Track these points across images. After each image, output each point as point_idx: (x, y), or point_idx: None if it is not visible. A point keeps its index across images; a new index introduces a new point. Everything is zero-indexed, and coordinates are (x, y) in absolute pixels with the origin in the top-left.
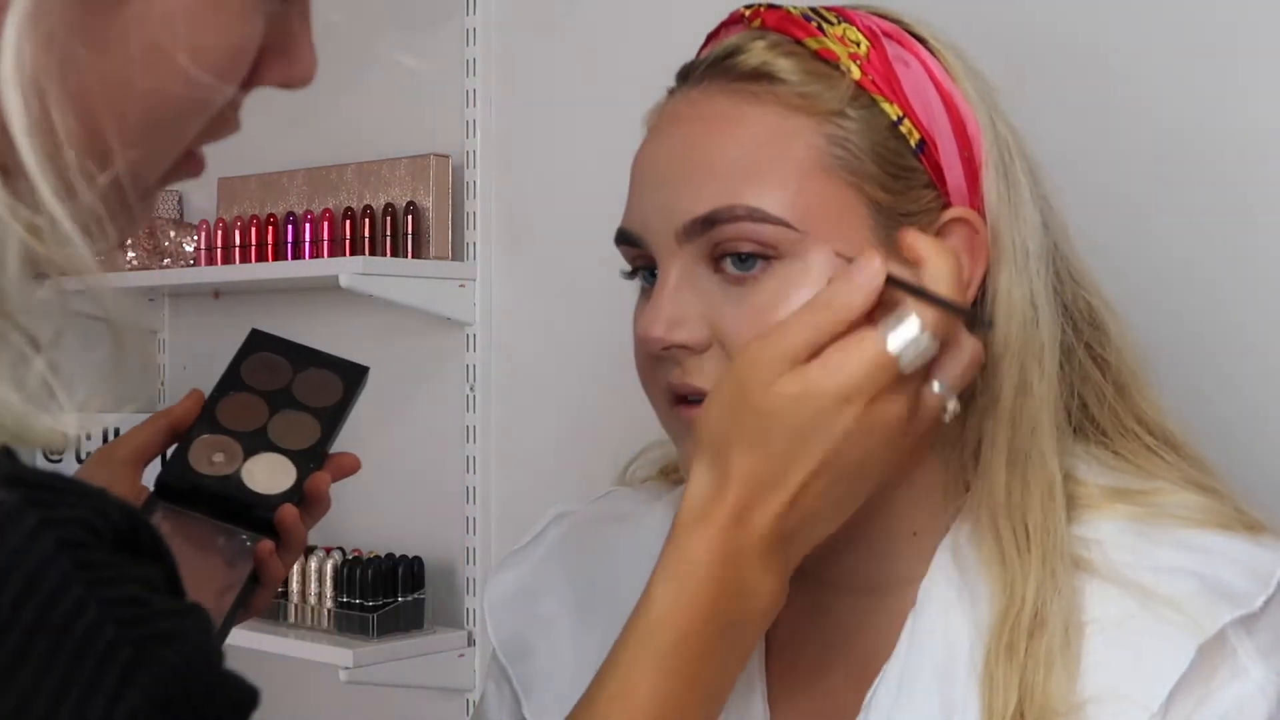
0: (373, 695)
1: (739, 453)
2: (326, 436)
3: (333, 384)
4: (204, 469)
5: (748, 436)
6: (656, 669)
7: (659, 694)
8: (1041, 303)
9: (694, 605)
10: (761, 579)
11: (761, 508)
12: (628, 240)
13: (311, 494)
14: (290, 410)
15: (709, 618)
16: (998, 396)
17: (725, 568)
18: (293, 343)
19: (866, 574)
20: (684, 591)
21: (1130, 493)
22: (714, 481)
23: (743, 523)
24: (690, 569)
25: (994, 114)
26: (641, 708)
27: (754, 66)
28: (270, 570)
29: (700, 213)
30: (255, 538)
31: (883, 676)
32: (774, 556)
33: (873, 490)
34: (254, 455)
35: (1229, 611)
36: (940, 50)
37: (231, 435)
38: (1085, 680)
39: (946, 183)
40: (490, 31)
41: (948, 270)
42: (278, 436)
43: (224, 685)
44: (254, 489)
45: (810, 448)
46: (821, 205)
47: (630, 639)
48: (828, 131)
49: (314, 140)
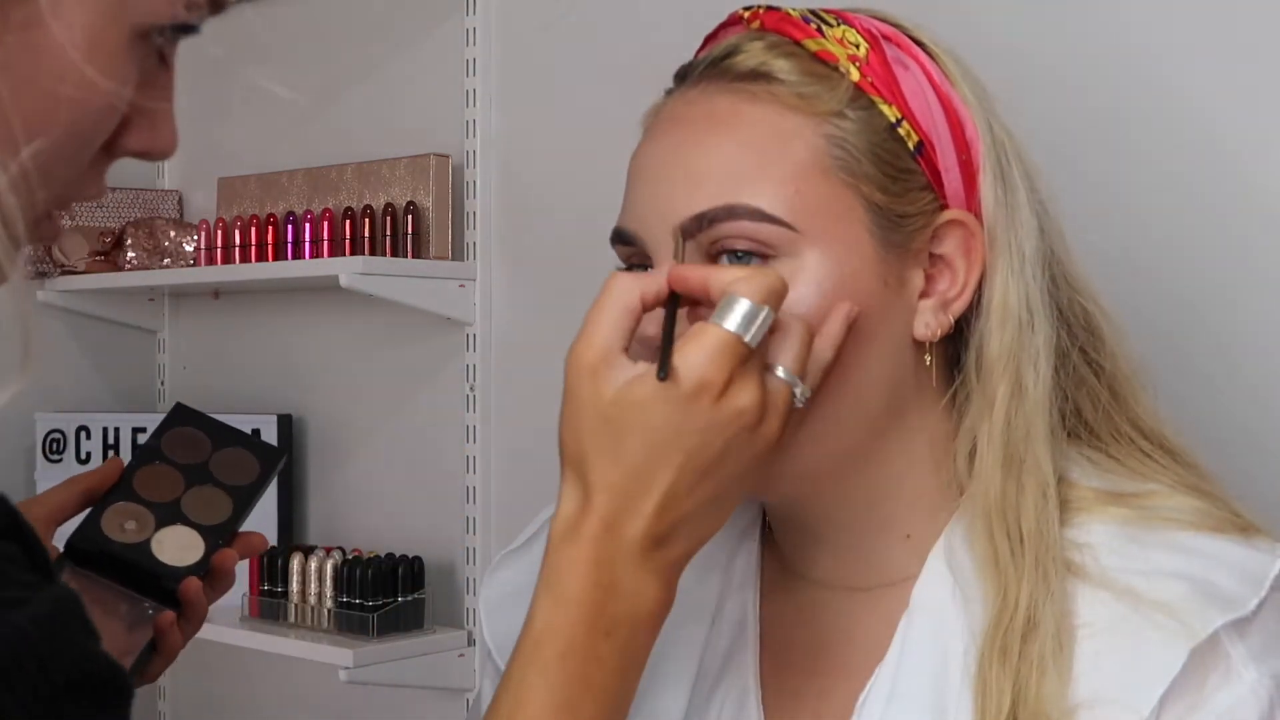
0: (373, 695)
1: (597, 466)
2: (238, 514)
3: (249, 464)
4: (115, 535)
5: (600, 448)
6: (544, 682)
7: (551, 705)
8: (1037, 306)
9: (571, 615)
10: (642, 581)
11: (630, 516)
12: (624, 239)
13: (218, 569)
14: (206, 486)
15: (590, 625)
16: (993, 400)
17: (599, 574)
18: (216, 420)
19: (860, 576)
20: (560, 603)
21: (1123, 496)
22: (578, 497)
23: (612, 530)
24: (563, 579)
25: (991, 119)
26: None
27: (752, 67)
28: (169, 640)
29: (697, 211)
30: (158, 608)
31: (875, 679)
32: (651, 558)
33: (747, 486)
34: (165, 527)
35: (1221, 615)
36: (939, 54)
37: (145, 505)
38: (1077, 685)
39: (944, 185)
40: (490, 31)
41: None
42: (191, 510)
43: (77, 662)
44: (162, 559)
45: (667, 450)
46: (819, 205)
47: (517, 657)
48: (826, 132)
49: (314, 140)
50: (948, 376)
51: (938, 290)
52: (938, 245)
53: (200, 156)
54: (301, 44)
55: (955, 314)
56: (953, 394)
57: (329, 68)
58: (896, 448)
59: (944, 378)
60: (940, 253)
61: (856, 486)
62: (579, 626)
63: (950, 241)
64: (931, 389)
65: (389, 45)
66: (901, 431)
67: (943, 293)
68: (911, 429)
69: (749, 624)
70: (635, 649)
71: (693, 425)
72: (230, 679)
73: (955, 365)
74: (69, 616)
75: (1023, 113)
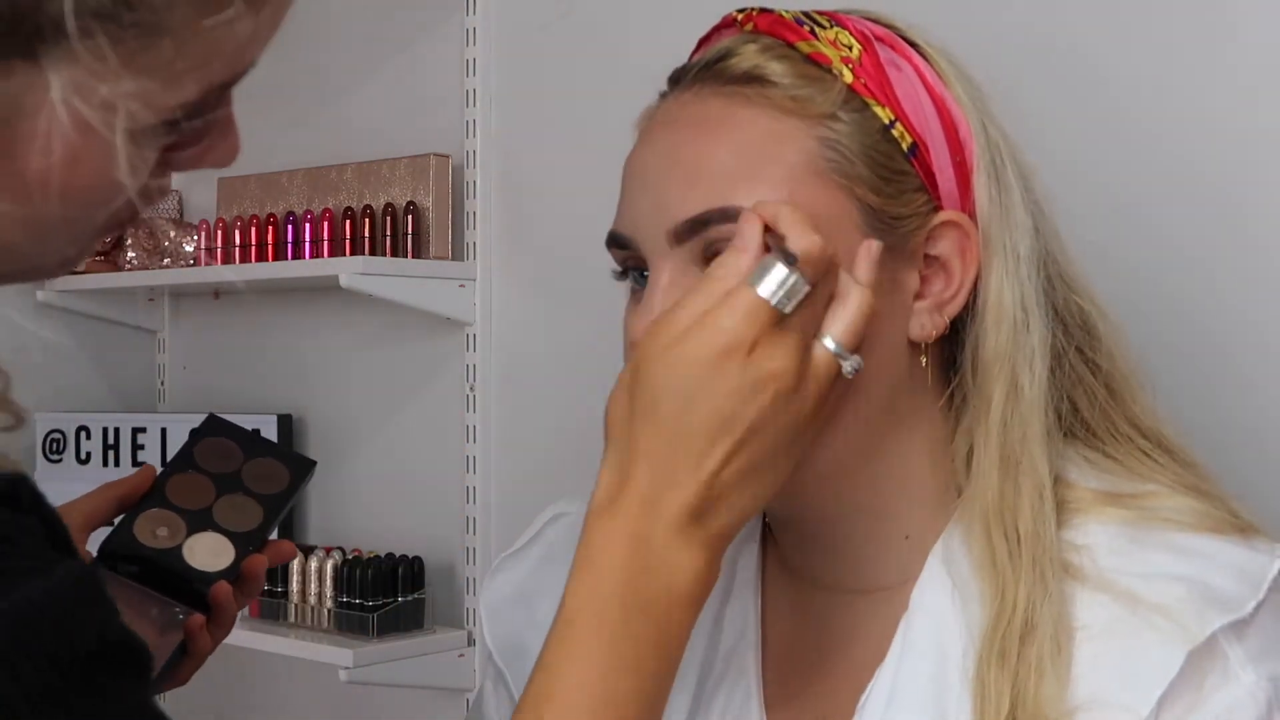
0: (373, 695)
1: (638, 433)
2: (268, 522)
3: (280, 473)
4: (147, 540)
5: (641, 413)
6: (579, 660)
7: (585, 683)
8: (1032, 306)
9: (605, 590)
10: (680, 556)
11: (669, 488)
12: (618, 243)
13: (248, 574)
14: (236, 494)
15: (624, 601)
16: (989, 401)
17: (635, 548)
18: (247, 431)
19: (859, 577)
20: (594, 579)
21: (1121, 496)
22: (620, 467)
23: (651, 504)
24: (597, 556)
25: (985, 119)
26: (573, 702)
27: (746, 69)
28: (199, 643)
29: (692, 214)
30: (188, 611)
31: (876, 681)
32: (691, 532)
33: (799, 457)
34: (196, 533)
35: (1219, 617)
36: (932, 55)
37: (177, 512)
38: (1075, 687)
39: (938, 186)
40: (490, 31)
41: (797, 216)
42: (221, 518)
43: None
44: (193, 564)
45: (699, 412)
46: (813, 208)
47: (552, 637)
48: (820, 134)
49: (314, 140)
50: (944, 378)
51: (933, 291)
52: (932, 246)
53: None
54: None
55: (950, 315)
56: (949, 395)
57: (329, 68)
58: (894, 449)
59: (940, 379)
60: (935, 254)
61: (855, 487)
62: (613, 601)
63: (945, 242)
64: (928, 390)
65: (389, 45)
66: (899, 433)
67: (938, 294)
68: (909, 430)
69: (751, 626)
70: (674, 626)
71: (723, 387)
72: (230, 679)
73: (952, 366)
74: (89, 589)
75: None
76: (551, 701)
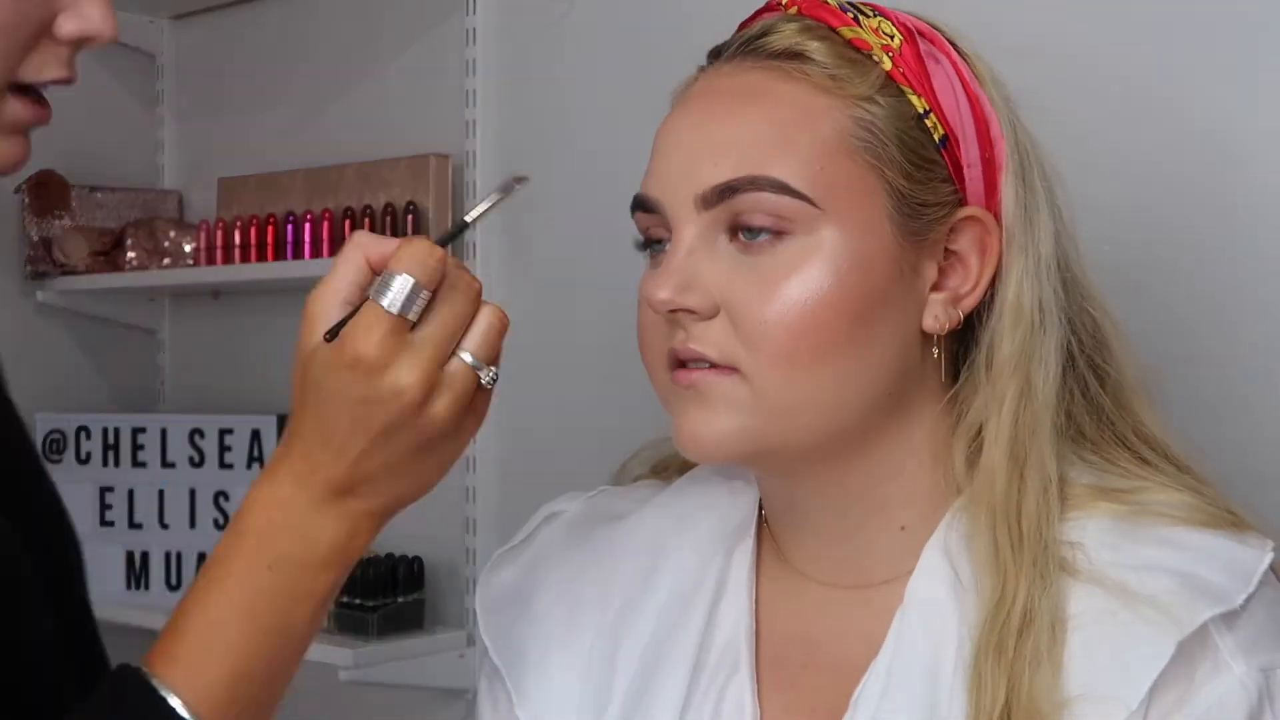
0: (373, 695)
1: (297, 419)
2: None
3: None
4: None
5: (299, 401)
6: (205, 601)
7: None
8: (1050, 309)
9: (238, 545)
10: (319, 525)
11: (316, 465)
12: (645, 207)
13: None
14: None
15: (252, 556)
16: (1002, 398)
17: (274, 511)
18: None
19: (854, 569)
20: (234, 533)
21: (1114, 491)
22: (285, 442)
23: (301, 475)
24: (244, 512)
25: (1016, 124)
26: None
27: (786, 46)
28: None
29: (721, 181)
30: None
31: (870, 673)
32: (335, 505)
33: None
34: None
35: (1209, 608)
36: (971, 56)
37: None
38: (1068, 678)
39: (965, 181)
40: (490, 31)
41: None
42: None
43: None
44: None
45: (338, 414)
46: (842, 184)
47: (197, 582)
48: (854, 114)
49: (314, 140)
50: (952, 372)
51: (950, 285)
52: (954, 241)
53: (200, 156)
54: (302, 44)
55: (966, 310)
56: (955, 389)
57: (329, 68)
58: (895, 436)
59: (948, 372)
60: (956, 248)
61: (852, 470)
62: (241, 555)
63: (967, 238)
64: (936, 382)
65: (389, 45)
66: (901, 420)
67: (955, 288)
68: (912, 419)
69: (746, 619)
70: (303, 587)
71: (353, 394)
72: None
73: (959, 361)
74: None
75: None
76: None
